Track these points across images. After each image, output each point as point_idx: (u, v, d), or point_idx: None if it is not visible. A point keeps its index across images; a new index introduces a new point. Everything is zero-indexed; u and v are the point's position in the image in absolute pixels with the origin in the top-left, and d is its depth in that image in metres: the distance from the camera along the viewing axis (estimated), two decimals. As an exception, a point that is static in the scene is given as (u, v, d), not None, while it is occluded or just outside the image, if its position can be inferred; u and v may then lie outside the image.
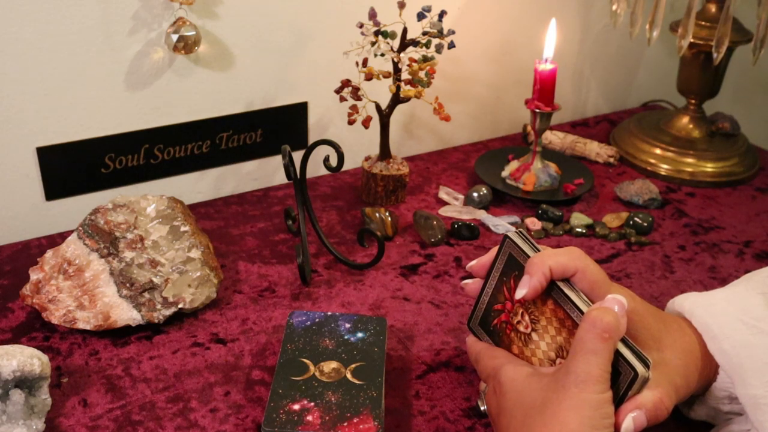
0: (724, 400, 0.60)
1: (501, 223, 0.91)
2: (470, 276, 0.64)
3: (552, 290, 0.56)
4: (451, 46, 0.89)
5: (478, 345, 0.63)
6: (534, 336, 0.58)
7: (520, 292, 0.56)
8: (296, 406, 0.61)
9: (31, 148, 0.83)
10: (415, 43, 0.89)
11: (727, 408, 0.61)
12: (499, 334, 0.61)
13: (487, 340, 0.63)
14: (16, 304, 0.76)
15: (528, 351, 0.59)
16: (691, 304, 0.61)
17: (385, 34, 0.88)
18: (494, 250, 0.61)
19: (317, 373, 0.64)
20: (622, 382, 0.52)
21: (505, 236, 0.60)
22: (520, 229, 0.61)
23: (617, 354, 0.52)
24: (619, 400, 0.52)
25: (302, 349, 0.67)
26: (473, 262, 0.63)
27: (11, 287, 0.78)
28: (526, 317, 0.59)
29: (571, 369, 0.51)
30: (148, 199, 0.77)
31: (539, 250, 0.58)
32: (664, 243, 0.91)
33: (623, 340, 0.53)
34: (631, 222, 0.93)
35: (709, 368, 0.59)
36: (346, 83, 0.90)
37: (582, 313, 0.54)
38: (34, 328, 0.73)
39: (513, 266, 0.59)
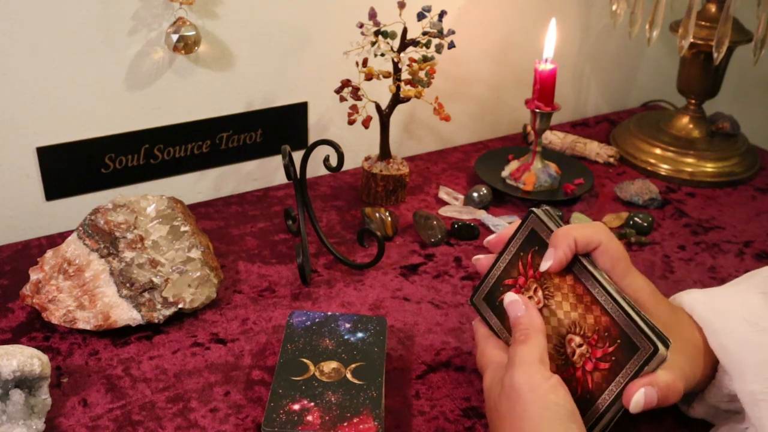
0: (723, 398, 0.60)
1: (501, 223, 0.91)
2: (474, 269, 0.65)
3: (573, 265, 0.57)
4: (451, 46, 0.89)
5: (481, 330, 0.63)
6: (545, 312, 0.58)
7: (545, 264, 0.57)
8: (296, 406, 0.61)
9: (31, 148, 0.83)
10: (415, 43, 0.89)
11: (726, 407, 0.61)
12: (505, 309, 0.61)
13: (490, 315, 0.62)
14: (16, 304, 0.75)
15: None
16: (691, 300, 0.62)
17: (385, 34, 0.88)
18: (514, 225, 0.62)
19: (317, 373, 0.64)
20: (639, 357, 0.51)
21: (530, 211, 0.60)
22: (545, 207, 0.61)
23: (636, 327, 0.51)
24: (633, 375, 0.52)
25: (302, 349, 0.67)
26: (492, 237, 0.64)
27: (11, 287, 0.78)
28: (540, 292, 0.59)
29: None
30: (148, 199, 0.77)
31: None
32: (664, 243, 0.91)
33: (642, 317, 0.52)
34: (631, 222, 0.93)
35: (709, 365, 0.60)
36: (346, 83, 0.90)
37: (604, 289, 0.54)
38: (34, 328, 0.73)
39: (533, 241, 0.59)
